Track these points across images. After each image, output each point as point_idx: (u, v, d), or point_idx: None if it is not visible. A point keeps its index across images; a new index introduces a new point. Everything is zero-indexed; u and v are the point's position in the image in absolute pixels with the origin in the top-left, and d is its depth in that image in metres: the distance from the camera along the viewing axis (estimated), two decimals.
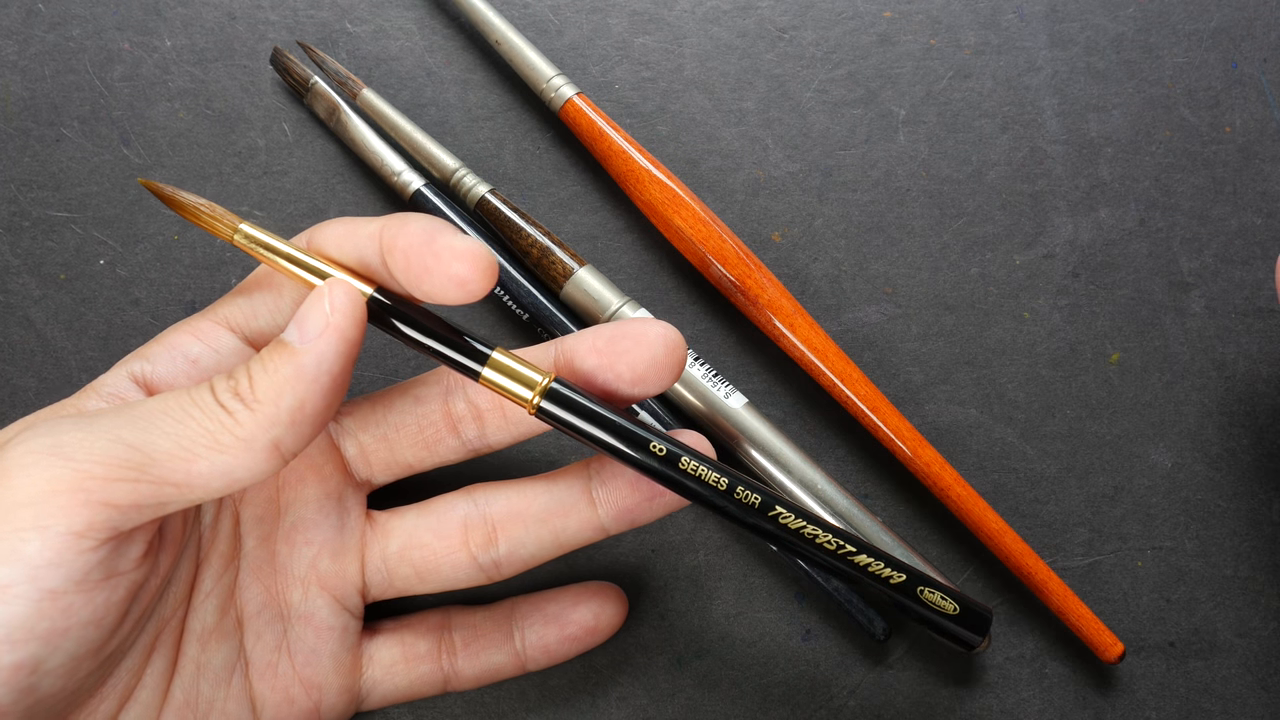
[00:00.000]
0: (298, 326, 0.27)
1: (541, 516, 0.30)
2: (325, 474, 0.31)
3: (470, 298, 0.27)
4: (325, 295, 0.27)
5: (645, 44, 0.39)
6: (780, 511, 0.28)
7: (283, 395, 0.26)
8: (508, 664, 0.33)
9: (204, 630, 0.30)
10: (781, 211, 0.38)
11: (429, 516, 0.31)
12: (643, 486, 0.30)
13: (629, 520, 0.30)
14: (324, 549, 0.31)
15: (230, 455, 0.25)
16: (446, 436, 0.31)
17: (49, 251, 0.37)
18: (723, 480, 0.28)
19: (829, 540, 0.28)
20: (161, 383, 0.29)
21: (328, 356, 0.26)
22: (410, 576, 0.31)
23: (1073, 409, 0.37)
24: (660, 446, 0.28)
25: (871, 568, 0.28)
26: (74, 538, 0.24)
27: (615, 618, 0.33)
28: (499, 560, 0.31)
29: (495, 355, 0.28)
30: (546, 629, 0.33)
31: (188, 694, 0.29)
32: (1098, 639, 0.34)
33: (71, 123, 0.37)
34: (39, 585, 0.24)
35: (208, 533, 0.30)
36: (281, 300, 0.30)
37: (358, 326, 0.27)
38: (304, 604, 0.31)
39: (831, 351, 0.35)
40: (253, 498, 0.31)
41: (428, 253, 0.27)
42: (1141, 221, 0.38)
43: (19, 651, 0.23)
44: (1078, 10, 0.39)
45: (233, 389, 0.26)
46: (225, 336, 0.30)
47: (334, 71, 0.37)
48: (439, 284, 0.27)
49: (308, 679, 0.31)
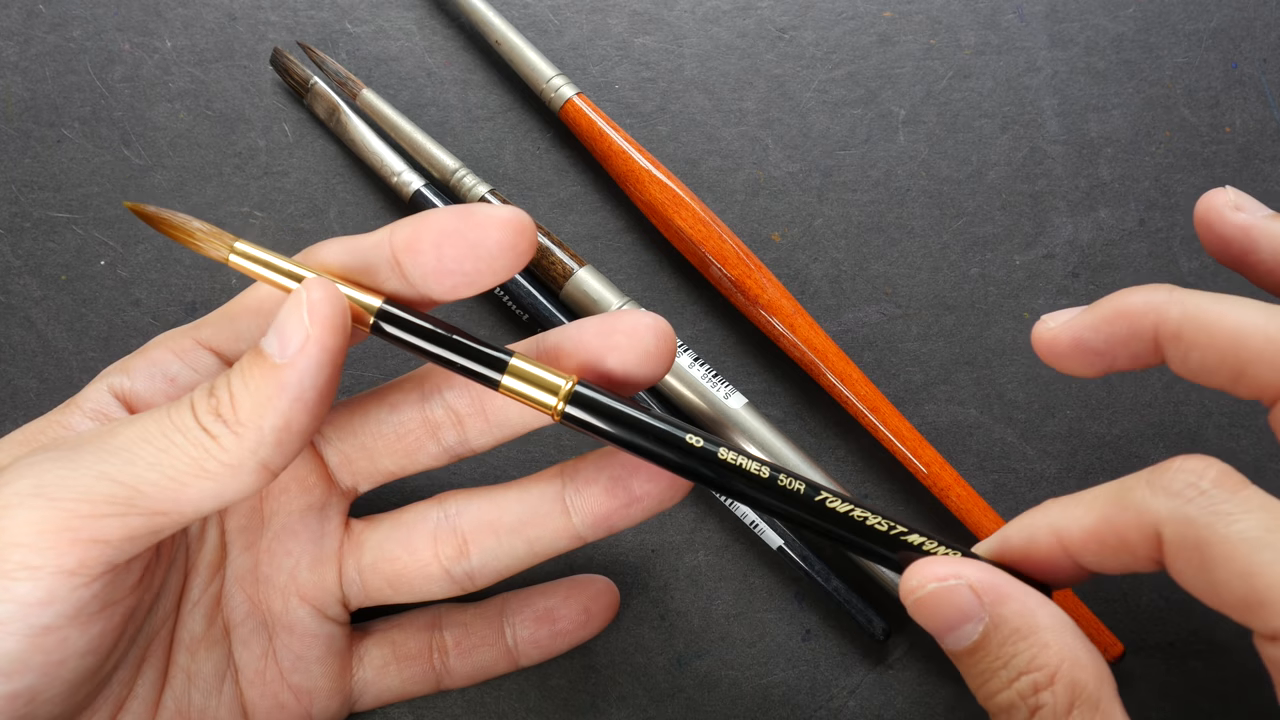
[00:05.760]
0: (276, 336, 0.25)
1: (514, 526, 0.30)
2: (309, 484, 0.31)
3: (517, 266, 0.26)
4: (302, 300, 0.25)
5: (645, 44, 0.39)
6: (827, 496, 0.27)
7: (265, 415, 0.24)
8: (500, 661, 0.33)
9: (193, 639, 0.29)
10: (781, 211, 0.38)
11: (400, 529, 0.31)
12: (619, 492, 0.29)
13: (606, 527, 0.29)
14: (303, 559, 0.31)
15: (218, 481, 0.24)
16: (426, 443, 0.30)
17: (50, 252, 0.37)
18: (764, 469, 0.27)
19: (880, 522, 0.26)
20: (141, 400, 0.28)
21: (310, 371, 0.25)
22: (384, 588, 0.31)
23: (1073, 409, 0.37)
24: (696, 440, 0.27)
25: (926, 546, 0.26)
26: (66, 576, 0.23)
27: (607, 611, 0.33)
28: (471, 572, 0.30)
29: (515, 362, 0.27)
30: (538, 625, 0.33)
31: (179, 703, 0.29)
32: (1098, 639, 0.34)
33: (72, 124, 0.37)
34: (32, 622, 0.23)
35: (195, 542, 0.30)
36: (267, 324, 0.28)
37: (339, 334, 0.25)
38: (286, 613, 0.30)
39: (831, 351, 0.35)
40: (237, 508, 0.30)
41: (469, 227, 0.26)
42: (1141, 221, 0.38)
43: (15, 683, 0.23)
44: (1078, 10, 0.39)
45: (213, 409, 0.25)
46: (206, 358, 0.29)
47: (334, 72, 0.37)
48: (486, 258, 0.26)
49: (296, 685, 0.31)
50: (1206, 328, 0.25)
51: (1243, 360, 0.24)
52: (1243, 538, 0.22)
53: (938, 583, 0.25)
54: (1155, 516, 0.23)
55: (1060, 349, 0.27)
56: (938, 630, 0.25)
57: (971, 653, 0.25)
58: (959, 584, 0.25)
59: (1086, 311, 0.27)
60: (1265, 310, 0.25)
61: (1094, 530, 0.24)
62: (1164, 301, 0.26)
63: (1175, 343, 0.25)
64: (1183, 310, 0.25)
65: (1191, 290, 0.26)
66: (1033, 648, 0.24)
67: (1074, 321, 0.27)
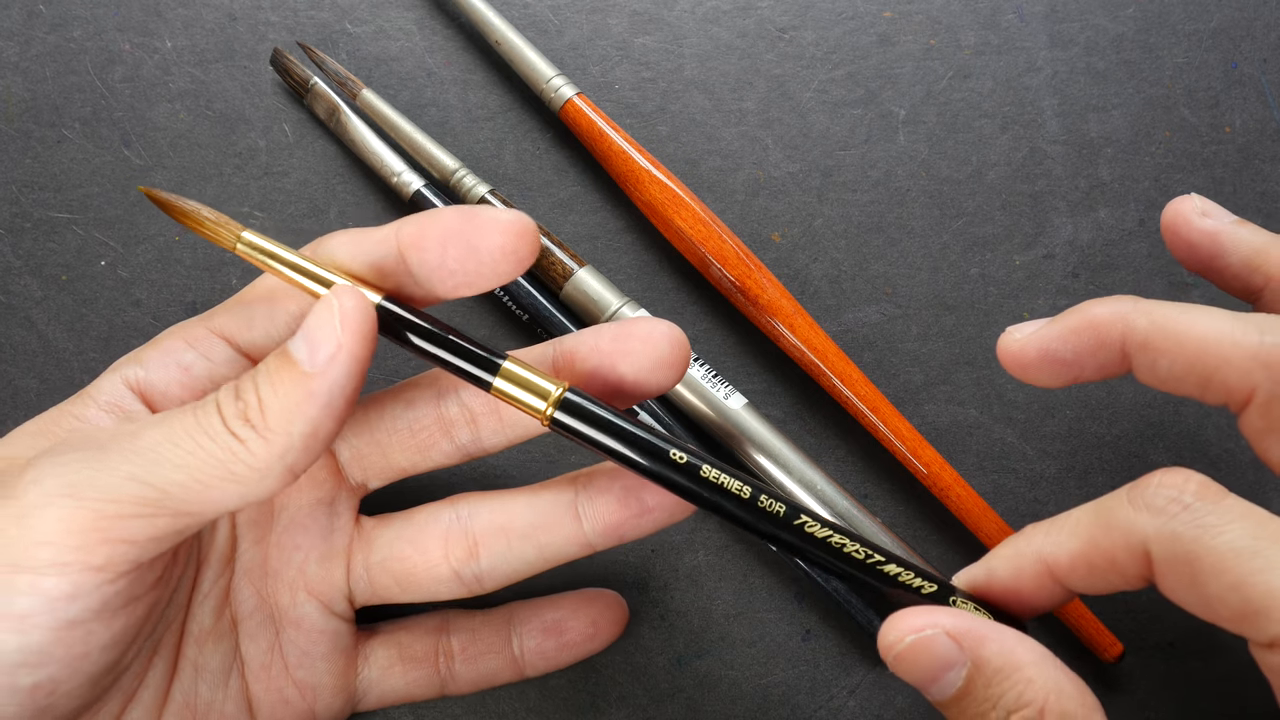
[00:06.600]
0: (306, 342, 0.25)
1: (525, 532, 0.30)
2: (319, 479, 0.31)
3: (518, 270, 0.26)
4: (334, 308, 0.25)
5: (645, 44, 0.39)
6: (806, 520, 0.27)
7: (294, 422, 0.25)
8: (505, 670, 0.33)
9: (201, 632, 0.30)
10: (781, 211, 0.38)
11: (411, 528, 0.31)
12: (631, 502, 0.29)
13: (616, 536, 0.29)
14: (311, 554, 0.31)
15: (244, 484, 0.25)
16: (440, 440, 0.30)
17: (50, 253, 0.37)
18: (745, 489, 0.27)
19: (857, 550, 0.27)
20: (155, 389, 0.29)
21: (339, 380, 0.25)
22: (392, 586, 0.31)
23: (1073, 409, 0.37)
24: (680, 455, 0.27)
25: (902, 577, 0.27)
26: (93, 573, 0.24)
27: (615, 626, 0.33)
28: (480, 575, 0.30)
29: (507, 365, 0.27)
30: (545, 637, 0.33)
31: (187, 695, 0.29)
32: (1098, 639, 0.34)
33: (73, 124, 0.38)
34: (58, 616, 0.24)
35: (207, 535, 0.30)
36: (277, 312, 0.29)
37: (369, 343, 0.25)
38: (293, 608, 0.31)
39: (831, 352, 0.35)
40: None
41: (471, 229, 0.26)
42: (1141, 221, 0.38)
43: (38, 674, 0.24)
44: (1078, 10, 0.39)
45: (241, 413, 0.25)
46: (219, 345, 0.29)
47: (334, 72, 0.37)
48: (487, 261, 0.26)
49: (301, 680, 0.31)
50: (1174, 335, 0.25)
51: (1210, 366, 0.25)
52: (1231, 548, 0.22)
53: (914, 634, 0.25)
54: (1142, 535, 0.23)
55: (1027, 359, 0.27)
56: (922, 682, 0.25)
57: (959, 700, 0.25)
58: (935, 633, 0.25)
59: (1053, 323, 0.27)
60: (1230, 317, 0.25)
61: (1081, 555, 0.24)
62: (1130, 311, 0.26)
63: (1143, 351, 0.26)
64: (1149, 319, 0.26)
65: (1157, 300, 0.26)
66: (1018, 685, 0.24)
67: (1041, 332, 0.27)
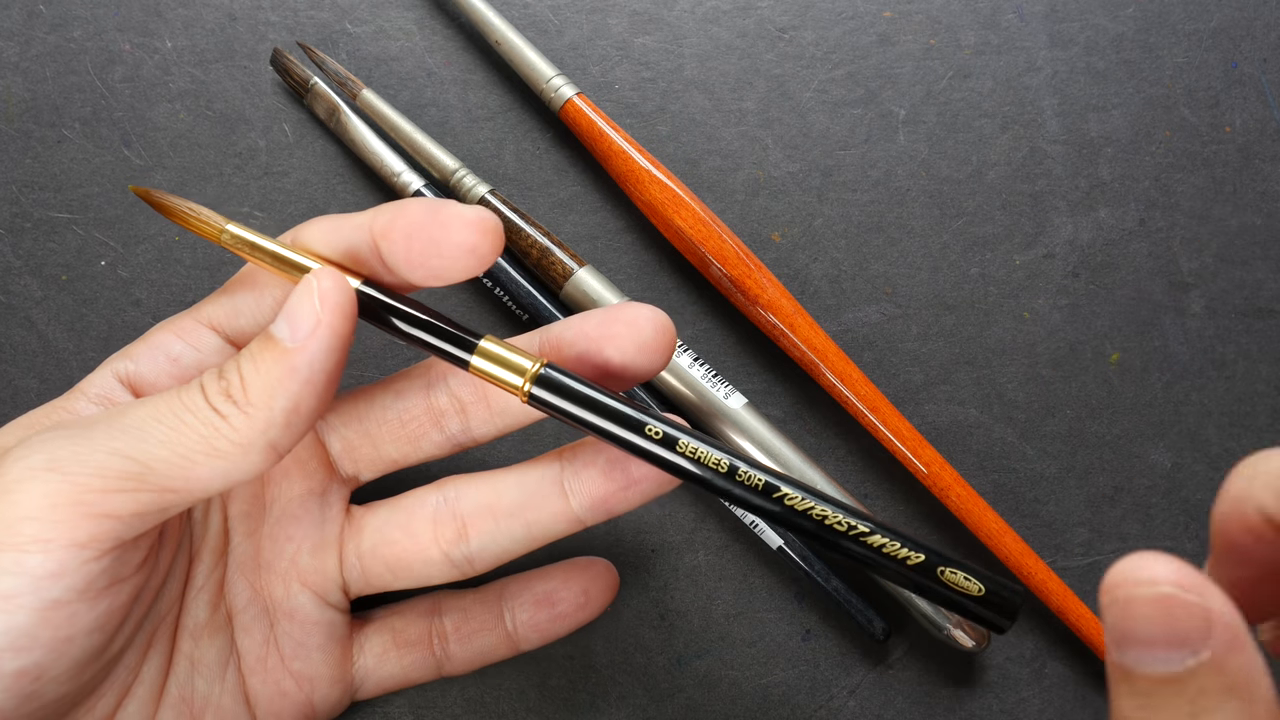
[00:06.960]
0: (287, 321, 0.26)
1: (512, 510, 0.30)
2: (310, 470, 0.31)
3: (479, 267, 0.27)
4: (314, 287, 0.26)
5: (645, 44, 0.39)
6: (786, 492, 0.26)
7: (276, 397, 0.25)
8: (500, 646, 0.33)
9: (196, 626, 0.30)
10: (781, 211, 0.38)
11: (399, 513, 0.31)
12: (616, 475, 0.29)
13: (604, 510, 0.29)
14: (304, 545, 0.31)
15: (227, 460, 0.25)
16: (430, 430, 0.30)
17: (50, 253, 0.37)
18: (723, 462, 0.27)
19: (839, 521, 0.26)
20: (145, 381, 0.29)
21: (319, 355, 0.25)
22: (384, 573, 0.31)
23: (1073, 409, 0.37)
24: (656, 429, 0.27)
25: (886, 548, 0.26)
26: (77, 549, 0.24)
27: (607, 593, 0.33)
28: (471, 556, 0.30)
29: (483, 343, 0.27)
30: (537, 609, 0.33)
31: (183, 689, 0.29)
32: (1098, 639, 0.34)
33: (73, 124, 0.38)
34: (43, 595, 0.24)
35: (199, 528, 0.30)
36: (263, 299, 0.29)
37: (349, 320, 0.26)
38: (287, 599, 0.31)
39: (831, 351, 0.35)
40: (239, 494, 0.31)
41: (434, 224, 0.26)
42: (1141, 221, 0.38)
43: (23, 659, 0.24)
44: (1078, 10, 0.39)
45: (224, 390, 0.26)
46: (207, 335, 0.29)
47: (334, 72, 0.37)
48: (449, 256, 0.27)
49: (298, 672, 0.31)
50: None
51: None
52: None
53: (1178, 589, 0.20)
54: None
55: None
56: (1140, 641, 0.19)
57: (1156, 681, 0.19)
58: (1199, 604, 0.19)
59: None
60: None
61: None
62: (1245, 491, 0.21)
63: None
64: None
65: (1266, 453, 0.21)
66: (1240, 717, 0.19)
67: None
